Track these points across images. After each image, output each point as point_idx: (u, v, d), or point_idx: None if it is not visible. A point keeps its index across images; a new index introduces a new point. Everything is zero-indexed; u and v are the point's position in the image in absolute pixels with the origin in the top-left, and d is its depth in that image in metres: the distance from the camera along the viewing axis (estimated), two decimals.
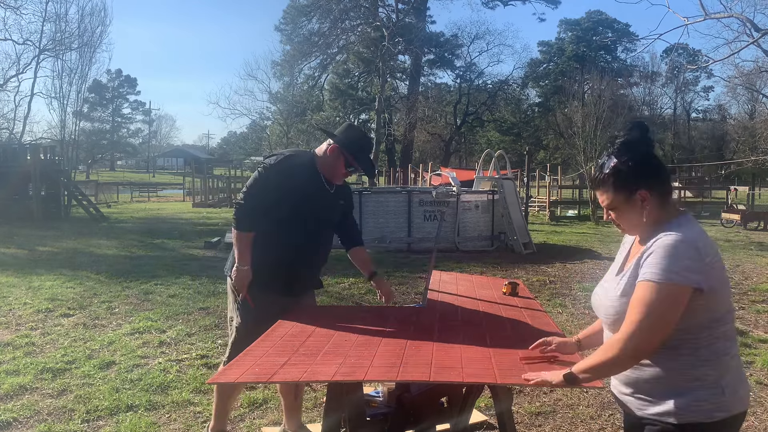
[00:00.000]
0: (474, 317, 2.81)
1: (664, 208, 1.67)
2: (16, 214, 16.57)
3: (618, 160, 1.69)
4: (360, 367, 2.04)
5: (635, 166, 1.66)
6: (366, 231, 11.63)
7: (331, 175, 2.93)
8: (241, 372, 2.02)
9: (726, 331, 1.61)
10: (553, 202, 22.00)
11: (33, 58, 29.03)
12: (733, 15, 13.96)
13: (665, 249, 1.56)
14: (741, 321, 6.07)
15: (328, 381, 2.02)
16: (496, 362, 2.08)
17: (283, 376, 2.02)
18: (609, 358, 1.62)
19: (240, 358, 2.17)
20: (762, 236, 14.88)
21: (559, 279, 8.51)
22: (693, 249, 1.55)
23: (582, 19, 53.02)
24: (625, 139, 1.70)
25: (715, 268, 1.58)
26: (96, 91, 58.54)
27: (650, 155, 1.69)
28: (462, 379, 1.96)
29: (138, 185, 39.25)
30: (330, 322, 2.68)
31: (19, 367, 4.42)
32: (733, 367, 1.63)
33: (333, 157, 2.89)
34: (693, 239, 1.57)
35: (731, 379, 1.61)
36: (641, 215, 1.67)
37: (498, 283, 3.68)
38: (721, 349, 1.60)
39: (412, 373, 1.99)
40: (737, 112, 48.00)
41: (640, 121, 1.76)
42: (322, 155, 2.94)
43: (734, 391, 1.61)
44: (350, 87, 46.84)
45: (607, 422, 3.58)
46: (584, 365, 1.72)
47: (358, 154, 2.91)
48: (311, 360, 2.12)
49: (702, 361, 1.58)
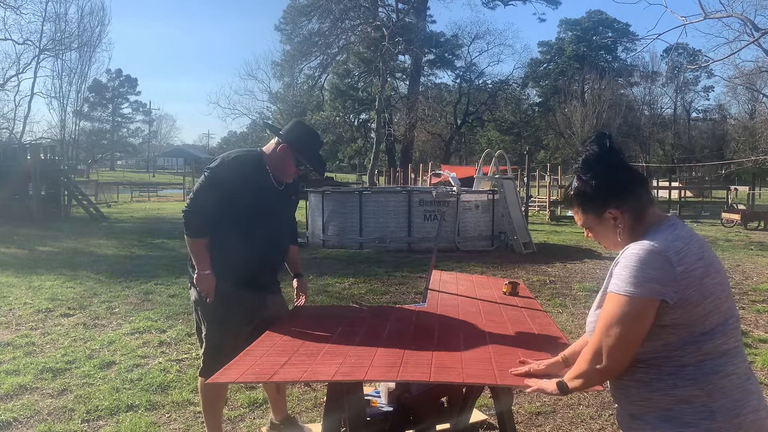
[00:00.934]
0: (474, 317, 2.81)
1: (641, 220, 1.56)
2: (16, 214, 16.57)
3: (580, 180, 1.59)
4: (360, 366, 2.04)
5: (598, 185, 1.56)
6: (366, 231, 11.65)
7: (281, 173, 2.88)
8: (241, 372, 2.02)
9: (718, 345, 1.46)
10: (554, 202, 22.00)
11: (33, 58, 29.12)
12: (732, 14, 13.96)
13: (629, 259, 1.47)
14: (741, 321, 6.06)
15: (328, 381, 2.02)
16: (496, 363, 2.08)
17: (284, 376, 2.01)
18: (582, 371, 1.57)
19: (240, 357, 2.17)
20: (762, 236, 14.88)
21: (560, 279, 8.51)
22: (661, 258, 1.43)
23: (582, 19, 53.08)
24: (584, 156, 1.58)
25: (693, 277, 1.44)
26: (96, 91, 58.57)
27: (614, 170, 1.56)
28: (462, 379, 1.96)
29: (138, 185, 39.25)
30: (330, 321, 2.69)
31: (19, 367, 4.42)
32: (730, 388, 1.44)
33: (283, 156, 2.84)
34: (663, 248, 1.45)
35: (727, 402, 1.43)
36: (616, 234, 1.58)
37: (498, 283, 3.68)
38: (711, 368, 1.44)
39: (412, 373, 1.99)
40: (737, 112, 48.07)
41: (601, 133, 1.62)
42: (270, 153, 2.88)
43: (731, 416, 1.42)
44: (350, 87, 46.84)
45: (607, 422, 3.58)
46: (572, 375, 1.65)
47: (307, 152, 2.86)
48: (311, 360, 2.12)
49: (688, 381, 1.44)
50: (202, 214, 2.75)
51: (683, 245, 1.47)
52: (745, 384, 1.48)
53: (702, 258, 1.48)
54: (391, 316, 2.82)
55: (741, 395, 1.46)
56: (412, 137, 43.81)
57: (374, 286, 7.77)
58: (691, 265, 1.45)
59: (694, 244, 1.50)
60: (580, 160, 1.60)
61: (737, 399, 1.45)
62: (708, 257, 1.51)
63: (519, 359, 2.07)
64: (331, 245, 11.58)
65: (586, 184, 1.58)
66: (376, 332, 2.50)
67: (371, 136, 44.03)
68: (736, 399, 1.45)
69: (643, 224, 1.56)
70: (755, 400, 1.47)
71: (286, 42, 44.59)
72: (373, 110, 35.49)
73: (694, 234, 1.56)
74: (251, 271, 2.81)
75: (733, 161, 34.65)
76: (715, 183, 31.74)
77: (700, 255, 1.48)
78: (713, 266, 1.50)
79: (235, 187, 2.74)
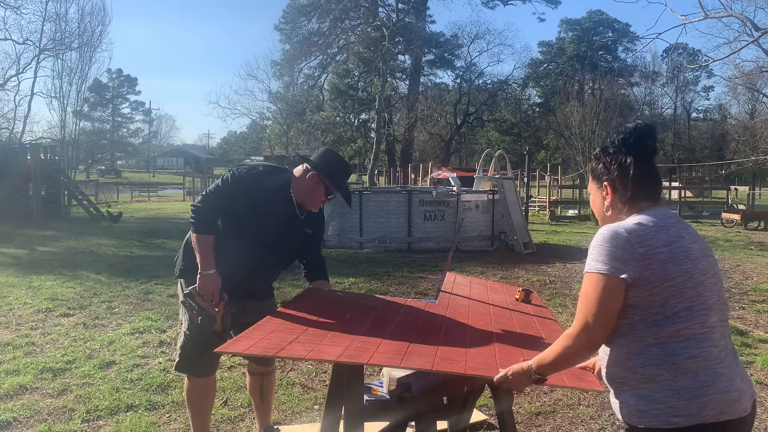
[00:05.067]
0: (483, 318, 2.80)
1: (631, 204, 1.65)
2: (16, 214, 16.58)
3: (604, 152, 1.72)
4: (365, 351, 2.07)
5: (609, 161, 1.69)
6: (366, 231, 11.65)
7: (308, 201, 2.77)
8: (250, 344, 2.06)
9: (680, 330, 1.52)
10: (553, 202, 22.01)
11: (33, 58, 29.05)
12: (732, 14, 13.96)
13: (595, 239, 1.59)
14: (741, 321, 6.08)
15: (332, 361, 2.05)
16: (500, 359, 2.08)
17: (290, 352, 2.05)
18: (565, 346, 1.64)
19: (249, 331, 2.20)
20: (762, 236, 14.88)
21: (559, 279, 8.51)
22: (621, 239, 1.54)
23: (583, 19, 53.09)
24: (623, 137, 1.69)
25: (654, 260, 1.52)
26: (96, 91, 58.56)
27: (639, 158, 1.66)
28: (464, 371, 1.96)
29: (138, 185, 39.26)
30: (341, 307, 2.71)
31: (19, 367, 4.42)
32: (695, 369, 1.51)
33: (312, 184, 2.72)
34: (627, 229, 1.55)
35: (690, 382, 1.51)
36: (603, 205, 1.71)
37: (512, 290, 3.67)
38: (674, 349, 1.52)
39: (415, 361, 2.01)
40: (738, 112, 48.01)
41: (648, 124, 1.71)
42: (299, 178, 2.75)
43: (695, 396, 1.50)
44: (350, 87, 46.84)
45: (607, 422, 3.58)
46: (552, 352, 1.69)
47: (337, 182, 2.74)
48: (318, 341, 2.15)
49: (653, 360, 1.53)
50: (211, 212, 2.68)
51: (650, 231, 1.56)
52: (714, 367, 1.53)
53: (671, 245, 1.56)
54: (401, 310, 2.82)
55: (707, 377, 1.52)
56: (412, 137, 43.82)
57: (374, 286, 7.77)
58: (653, 249, 1.53)
59: (667, 232, 1.58)
60: (616, 137, 1.70)
61: (702, 380, 1.51)
62: (681, 246, 1.57)
63: (522, 358, 2.07)
64: (332, 245, 11.56)
65: (602, 155, 1.72)
66: (385, 322, 2.51)
67: (371, 136, 44.04)
68: (701, 380, 1.51)
69: (633, 209, 1.65)
70: (724, 383, 1.53)
71: (286, 42, 44.64)
72: (373, 110, 35.47)
73: (678, 226, 1.62)
74: (231, 285, 2.70)
75: (733, 161, 34.64)
76: (715, 183, 31.76)
77: (669, 242, 1.56)
78: (686, 254, 1.56)
79: (251, 200, 2.66)
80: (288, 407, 3.79)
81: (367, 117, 47.67)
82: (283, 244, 2.82)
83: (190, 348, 2.81)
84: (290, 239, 2.83)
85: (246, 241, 2.72)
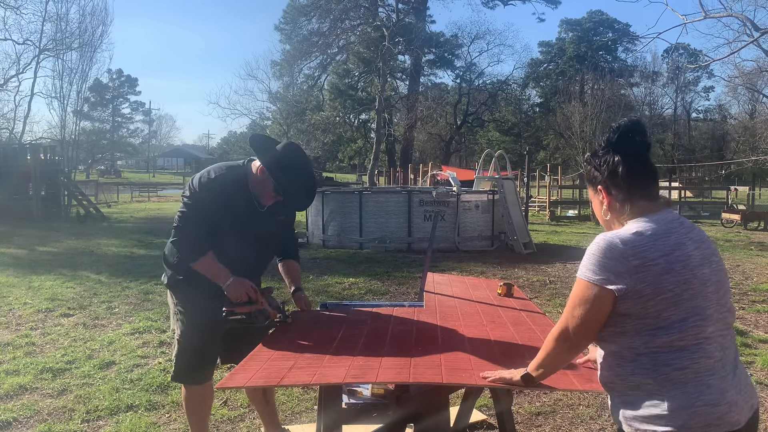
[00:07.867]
0: (474, 318, 2.80)
1: (628, 207, 1.61)
2: (16, 214, 16.58)
3: (594, 156, 1.69)
4: (370, 369, 2.02)
5: (598, 164, 1.66)
6: (366, 231, 11.65)
7: (260, 195, 2.70)
8: (249, 376, 1.99)
9: (672, 341, 1.50)
10: (553, 202, 22.01)
11: (33, 58, 29.06)
12: (732, 14, 13.96)
13: (591, 246, 1.57)
14: (741, 321, 6.07)
15: (340, 383, 2.00)
16: (504, 364, 2.06)
17: (293, 380, 1.99)
18: (549, 349, 1.67)
19: (245, 363, 2.13)
20: (762, 236, 14.88)
21: (559, 279, 8.51)
22: (616, 250, 1.50)
23: (583, 19, 53.07)
24: (607, 136, 1.66)
25: (649, 273, 1.49)
26: (96, 91, 58.48)
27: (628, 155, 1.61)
28: (475, 382, 1.93)
29: (138, 185, 39.25)
30: (330, 326, 2.67)
31: (19, 367, 4.42)
32: (683, 380, 1.49)
33: (262, 179, 2.65)
34: (624, 240, 1.52)
35: (678, 394, 1.49)
36: (601, 209, 1.69)
37: (491, 284, 3.69)
38: (664, 360, 1.50)
39: (424, 375, 1.96)
40: (738, 112, 47.97)
41: (633, 120, 1.66)
42: (254, 172, 2.69)
43: (681, 407, 1.48)
44: (350, 87, 46.83)
45: (607, 422, 3.58)
46: (539, 357, 1.73)
47: (284, 180, 2.59)
48: (318, 363, 2.10)
49: (642, 369, 1.52)
50: (194, 235, 2.60)
51: (647, 241, 1.52)
52: (705, 379, 1.50)
53: (669, 255, 1.51)
54: (390, 320, 2.80)
55: (695, 389, 1.49)
56: (411, 137, 43.79)
57: (374, 286, 7.77)
58: (648, 260, 1.50)
59: (666, 241, 1.53)
60: (604, 138, 1.68)
61: (690, 392, 1.49)
62: (680, 255, 1.52)
63: (525, 361, 2.07)
64: (332, 245, 11.58)
65: (594, 157, 1.69)
66: (378, 336, 2.48)
67: (371, 136, 44.04)
68: (688, 392, 1.49)
69: (632, 212, 1.61)
70: (714, 395, 1.49)
71: (286, 42, 44.61)
72: (373, 110, 35.47)
73: (679, 231, 1.56)
74: (219, 292, 2.64)
75: (733, 161, 34.63)
76: (715, 183, 31.76)
77: (667, 252, 1.51)
78: (684, 264, 1.52)
79: (215, 205, 2.59)
80: (288, 407, 3.79)
81: (367, 117, 47.68)
82: (260, 234, 2.75)
83: (186, 355, 2.80)
84: (263, 228, 2.76)
85: (224, 247, 2.66)
